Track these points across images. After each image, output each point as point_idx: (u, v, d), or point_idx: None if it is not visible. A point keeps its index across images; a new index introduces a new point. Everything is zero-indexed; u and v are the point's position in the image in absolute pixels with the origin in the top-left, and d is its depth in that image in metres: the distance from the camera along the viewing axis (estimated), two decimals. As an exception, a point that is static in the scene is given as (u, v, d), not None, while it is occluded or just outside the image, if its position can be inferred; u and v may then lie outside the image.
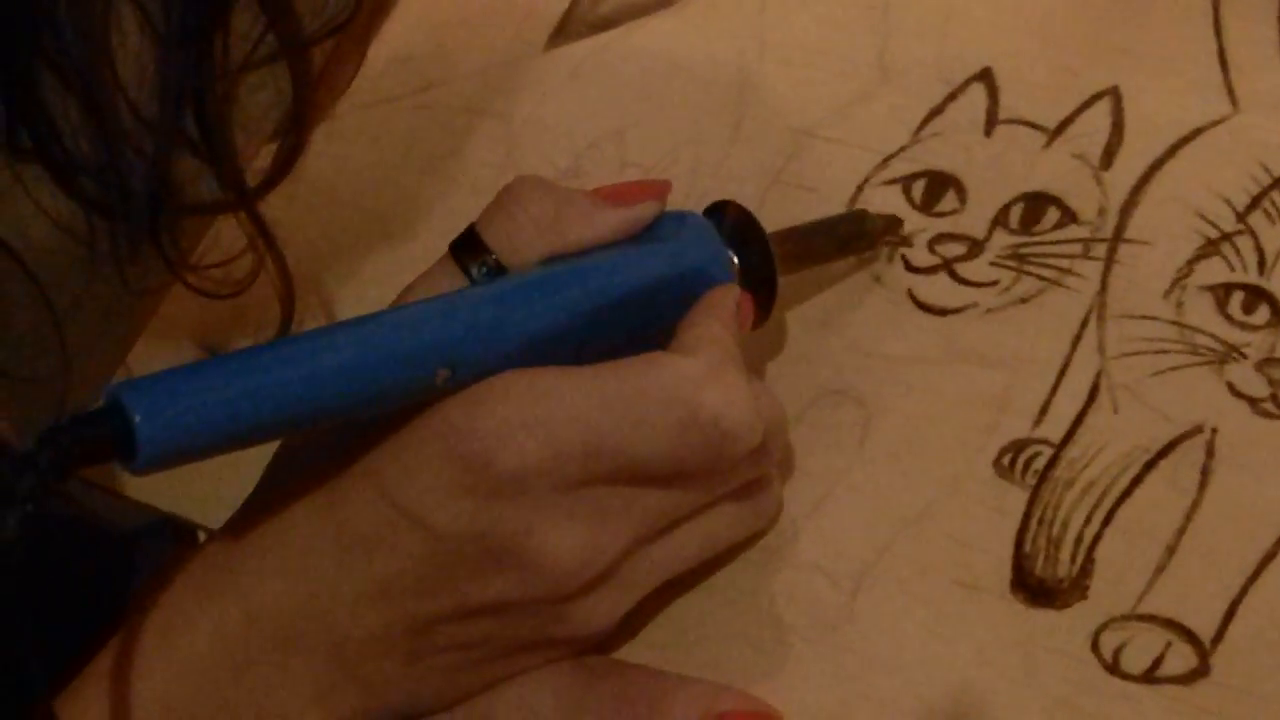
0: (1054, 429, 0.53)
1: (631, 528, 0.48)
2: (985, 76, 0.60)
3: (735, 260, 0.52)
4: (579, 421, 0.47)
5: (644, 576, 0.50)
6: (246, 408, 0.44)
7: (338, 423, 0.47)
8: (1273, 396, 0.51)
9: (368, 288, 0.64)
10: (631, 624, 0.52)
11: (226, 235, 0.62)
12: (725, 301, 0.51)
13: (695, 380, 0.48)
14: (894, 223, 0.57)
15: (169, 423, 0.43)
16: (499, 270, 0.50)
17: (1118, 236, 0.55)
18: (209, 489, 0.58)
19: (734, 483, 0.50)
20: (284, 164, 0.57)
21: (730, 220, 0.53)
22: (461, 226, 0.61)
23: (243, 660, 0.49)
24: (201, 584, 0.49)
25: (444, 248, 0.56)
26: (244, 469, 0.52)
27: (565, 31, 0.67)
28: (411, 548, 0.48)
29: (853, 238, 0.57)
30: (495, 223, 0.51)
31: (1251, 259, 0.53)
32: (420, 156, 0.66)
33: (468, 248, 0.51)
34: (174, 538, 0.63)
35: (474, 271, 0.50)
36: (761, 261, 0.53)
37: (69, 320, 0.58)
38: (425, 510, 0.47)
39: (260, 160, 0.60)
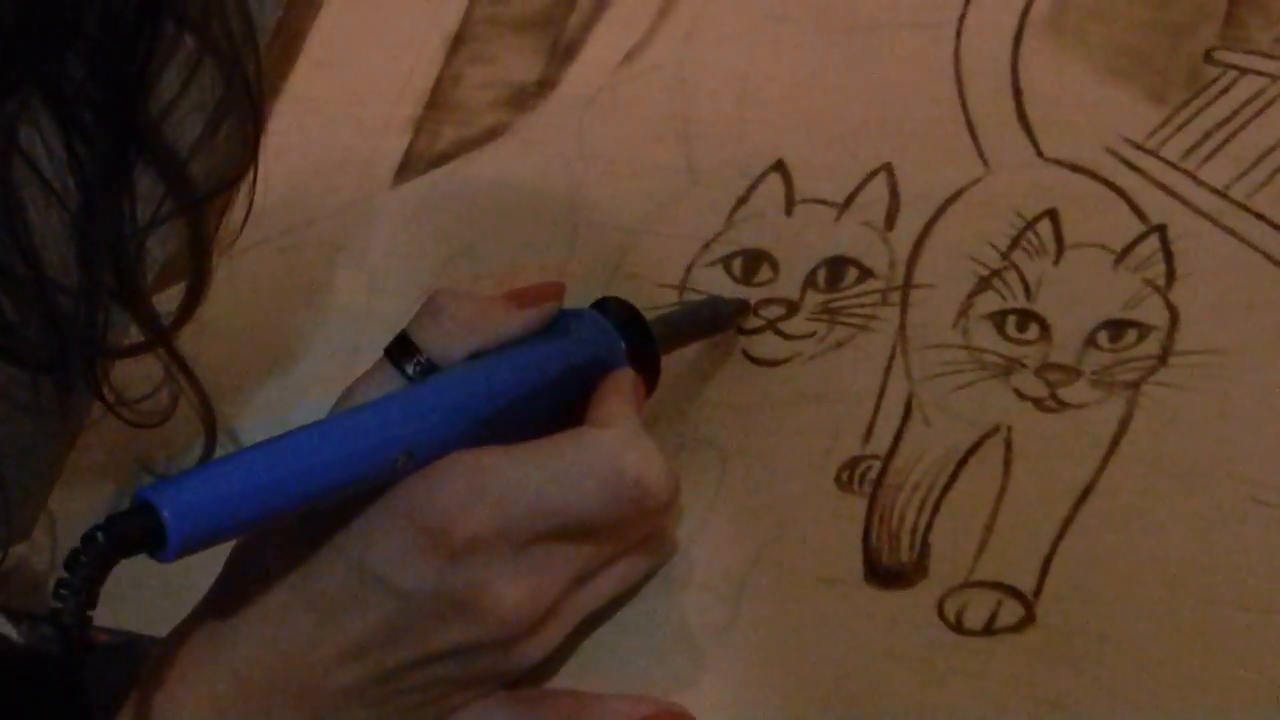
0: (880, 445, 0.63)
1: (567, 576, 0.57)
2: (779, 167, 0.70)
3: (624, 346, 0.62)
4: (523, 489, 0.56)
5: (573, 615, 0.59)
6: (257, 502, 0.53)
7: (320, 506, 0.55)
8: (1051, 395, 0.62)
9: (262, 410, 0.72)
10: (553, 656, 0.60)
11: (137, 369, 0.69)
12: (624, 383, 0.60)
13: (617, 448, 0.57)
14: (744, 305, 0.67)
15: (193, 518, 0.51)
16: (430, 367, 0.59)
17: (908, 284, 0.66)
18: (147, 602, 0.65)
19: (646, 531, 0.60)
20: (191, 303, 0.65)
21: (616, 312, 0.62)
22: (338, 352, 0.69)
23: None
24: (192, 657, 0.57)
25: (324, 372, 0.64)
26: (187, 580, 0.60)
27: (407, 169, 0.76)
28: (380, 607, 0.56)
29: (712, 320, 0.66)
30: (424, 327, 0.59)
31: (1018, 288, 0.64)
32: (292, 292, 0.75)
33: (402, 350, 0.59)
34: (121, 655, 0.70)
35: (409, 370, 0.59)
36: (645, 346, 0.62)
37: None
38: (392, 574, 0.55)
39: (160, 303, 0.67)
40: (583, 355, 0.61)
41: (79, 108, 0.59)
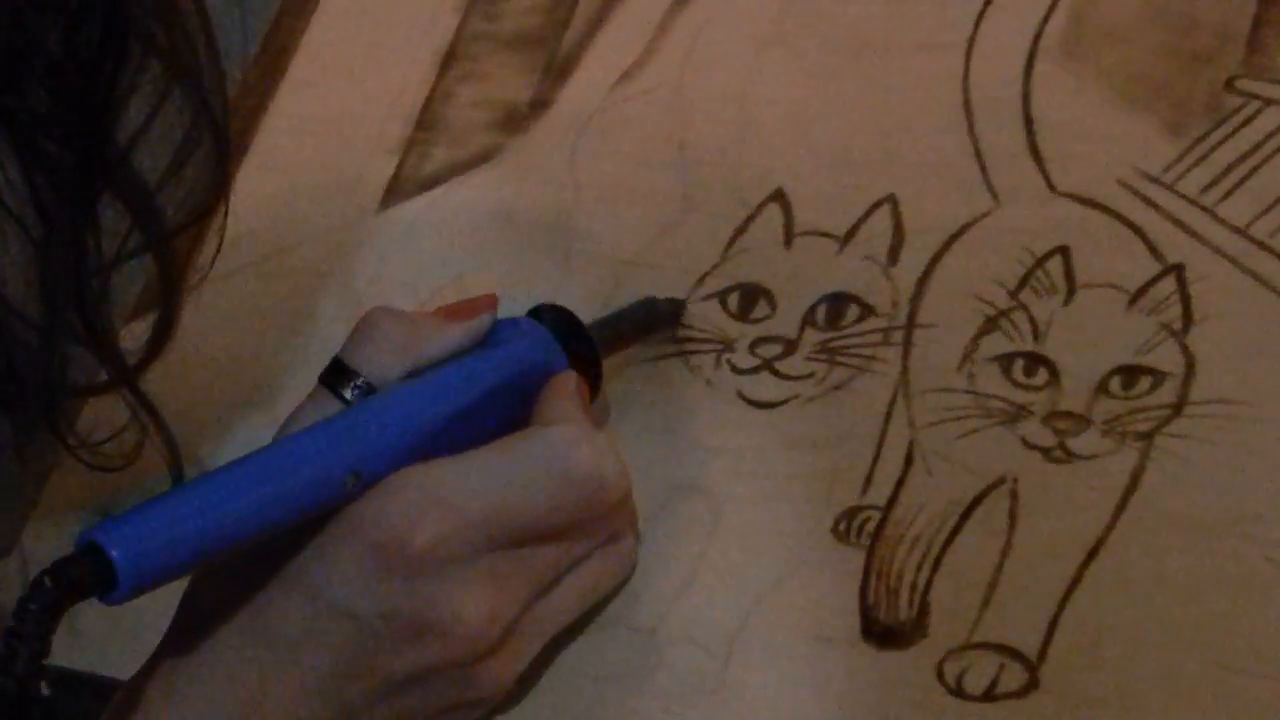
0: (879, 495, 0.60)
1: (528, 584, 0.56)
2: (779, 196, 0.67)
3: (563, 351, 0.60)
4: (475, 494, 0.54)
5: (538, 630, 0.57)
6: (205, 536, 0.52)
7: (274, 534, 0.54)
8: (1060, 445, 0.59)
9: (241, 446, 0.69)
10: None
11: (107, 408, 0.67)
12: (568, 384, 0.59)
13: (568, 443, 0.56)
14: (678, 305, 0.65)
15: (141, 557, 0.50)
16: (369, 390, 0.57)
17: (911, 323, 0.63)
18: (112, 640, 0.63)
19: (605, 532, 0.58)
20: (157, 343, 0.62)
21: (553, 319, 0.61)
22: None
23: None
24: (151, 701, 0.55)
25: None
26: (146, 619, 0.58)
27: (396, 192, 0.74)
28: (338, 637, 0.54)
29: (649, 320, 0.65)
30: (358, 350, 0.58)
31: (1026, 330, 0.61)
32: (274, 320, 0.72)
33: (338, 375, 0.58)
34: (86, 694, 0.67)
35: (347, 394, 0.57)
36: (586, 349, 0.61)
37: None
38: (346, 598, 0.54)
39: (129, 337, 0.65)
40: (522, 363, 0.60)
41: (40, 136, 0.56)
